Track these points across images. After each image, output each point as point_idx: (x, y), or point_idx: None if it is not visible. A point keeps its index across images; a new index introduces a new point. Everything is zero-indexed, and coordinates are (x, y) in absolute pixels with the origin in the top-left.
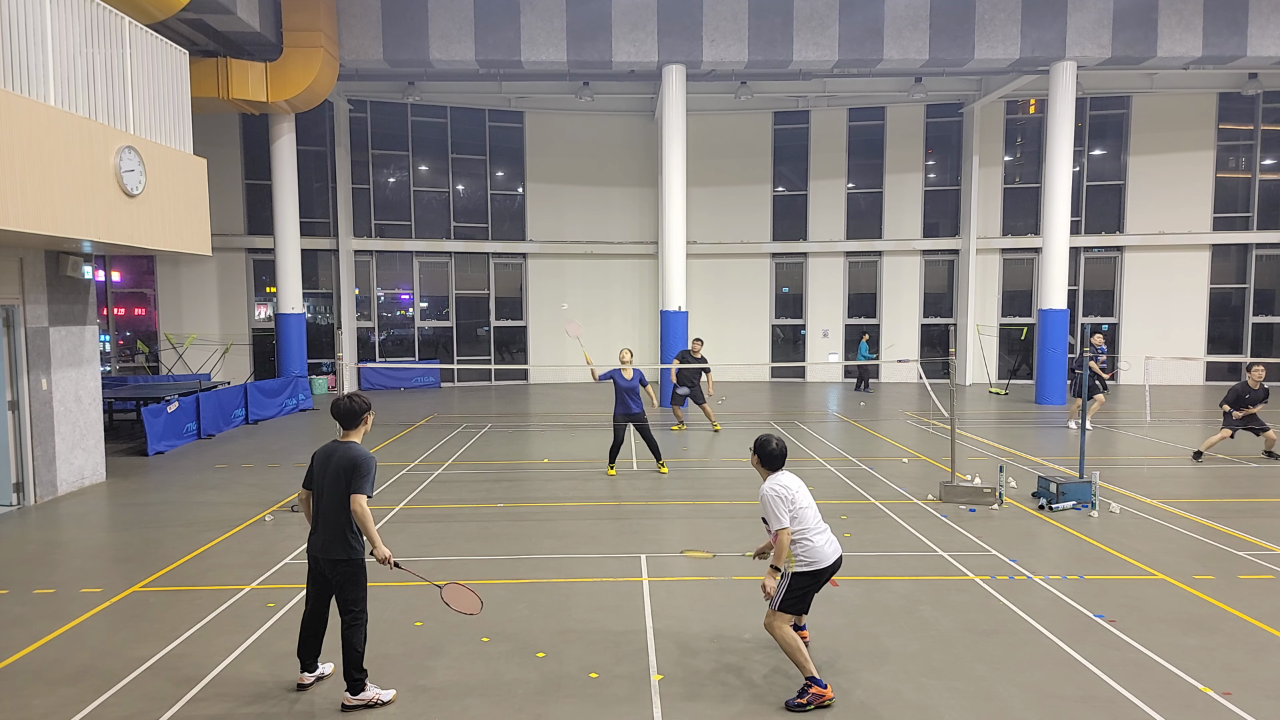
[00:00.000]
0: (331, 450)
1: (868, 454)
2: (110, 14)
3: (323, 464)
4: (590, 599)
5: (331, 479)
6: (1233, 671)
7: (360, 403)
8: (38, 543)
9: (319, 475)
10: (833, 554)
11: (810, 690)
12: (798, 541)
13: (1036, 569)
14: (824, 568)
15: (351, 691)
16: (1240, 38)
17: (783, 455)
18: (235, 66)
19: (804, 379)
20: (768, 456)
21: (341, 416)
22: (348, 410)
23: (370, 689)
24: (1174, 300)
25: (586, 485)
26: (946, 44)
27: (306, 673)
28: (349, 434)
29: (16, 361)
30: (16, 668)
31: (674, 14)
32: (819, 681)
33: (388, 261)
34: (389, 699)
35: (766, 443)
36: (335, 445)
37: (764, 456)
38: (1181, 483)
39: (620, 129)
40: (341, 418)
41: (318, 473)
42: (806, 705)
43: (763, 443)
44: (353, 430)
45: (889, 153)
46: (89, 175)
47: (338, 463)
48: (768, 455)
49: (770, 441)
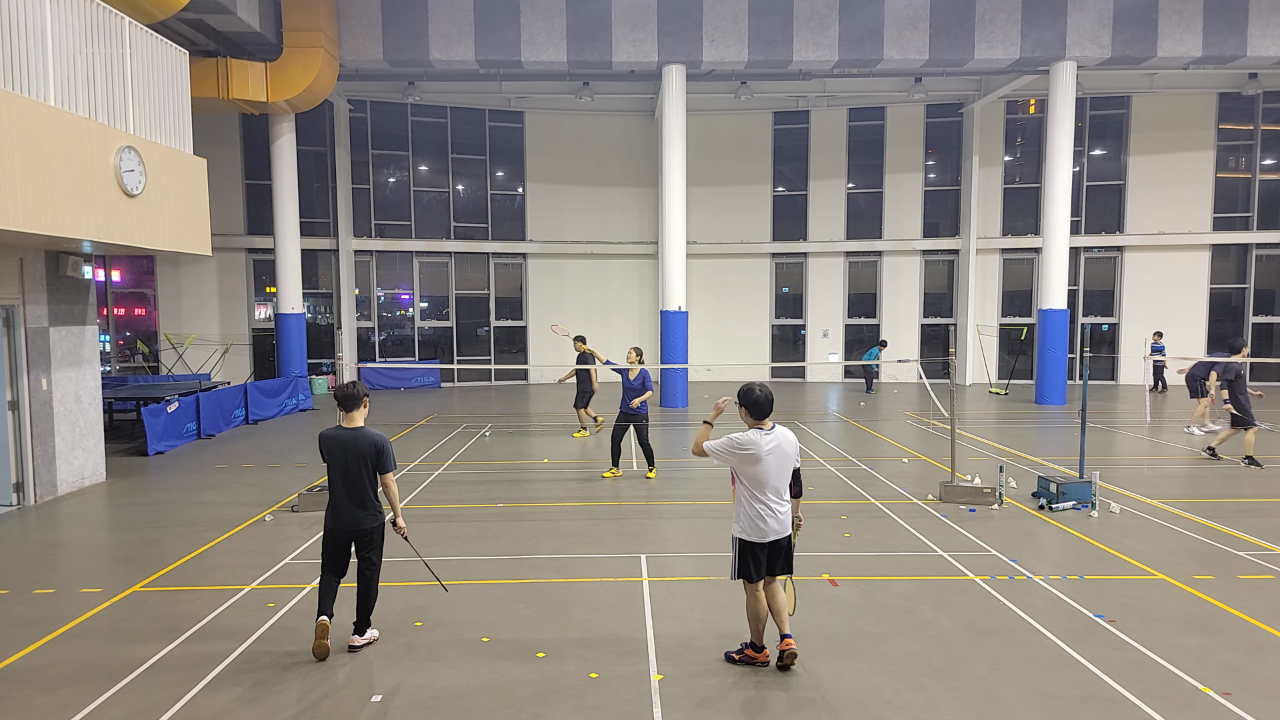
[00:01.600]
0: (348, 437)
1: (868, 454)
2: (110, 14)
3: (341, 449)
4: (590, 599)
5: (355, 460)
6: (1233, 671)
7: (361, 387)
8: (38, 543)
9: (337, 458)
10: (773, 535)
11: (746, 651)
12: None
13: (1036, 569)
14: (764, 542)
15: (359, 633)
16: (1240, 38)
17: (767, 402)
18: (235, 66)
19: (804, 379)
20: (752, 404)
21: (344, 400)
22: (350, 394)
23: (371, 630)
24: (1174, 300)
25: (586, 485)
26: (946, 44)
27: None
28: (352, 417)
29: (16, 361)
30: (16, 668)
31: (674, 14)
32: (757, 648)
33: (388, 261)
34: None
35: (749, 391)
36: (346, 431)
37: (749, 405)
38: (1181, 483)
39: (620, 129)
40: (343, 401)
41: (336, 455)
42: (739, 661)
43: (745, 391)
44: (355, 413)
45: (889, 153)
46: (89, 175)
47: (360, 447)
48: (752, 403)
49: (754, 390)
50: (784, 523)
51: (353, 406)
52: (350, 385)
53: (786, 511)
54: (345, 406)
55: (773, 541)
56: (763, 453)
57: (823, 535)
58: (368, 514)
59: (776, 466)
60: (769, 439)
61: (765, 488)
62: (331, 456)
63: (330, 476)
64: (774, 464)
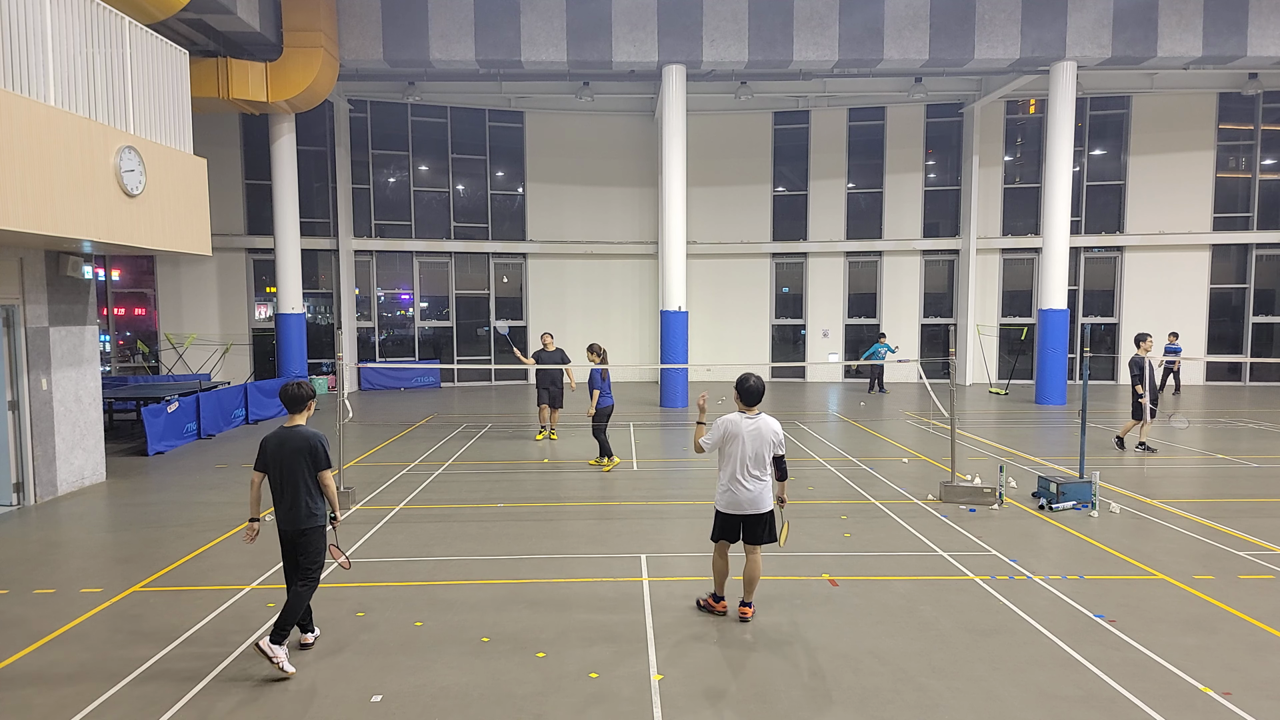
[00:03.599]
0: (285, 436)
1: (868, 454)
2: (110, 14)
3: (277, 448)
4: (590, 599)
5: (290, 458)
6: (1233, 671)
7: (307, 389)
8: (38, 543)
9: (274, 457)
10: (748, 506)
11: (707, 601)
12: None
13: (1036, 569)
14: (737, 514)
15: (274, 640)
16: (1240, 38)
17: (758, 392)
18: (235, 66)
19: (804, 379)
20: (744, 391)
21: (289, 401)
22: (295, 395)
23: (284, 649)
24: (1174, 300)
25: (587, 485)
26: (946, 44)
27: (308, 633)
28: (295, 417)
29: (16, 361)
30: (16, 668)
31: (674, 14)
32: (717, 598)
33: (388, 261)
34: (289, 672)
35: (744, 379)
36: (285, 431)
37: (741, 391)
38: (1181, 483)
39: (620, 129)
40: (289, 402)
41: (272, 455)
42: (702, 608)
43: (741, 379)
44: (298, 414)
45: (889, 153)
46: (89, 175)
47: (295, 445)
48: (744, 390)
49: (748, 379)
50: (758, 499)
51: (298, 409)
52: (296, 386)
53: (762, 490)
54: (292, 409)
55: (750, 515)
56: (743, 432)
57: (823, 535)
58: (305, 514)
59: (752, 445)
60: (750, 422)
61: (738, 462)
62: (265, 456)
63: (270, 478)
64: (750, 442)
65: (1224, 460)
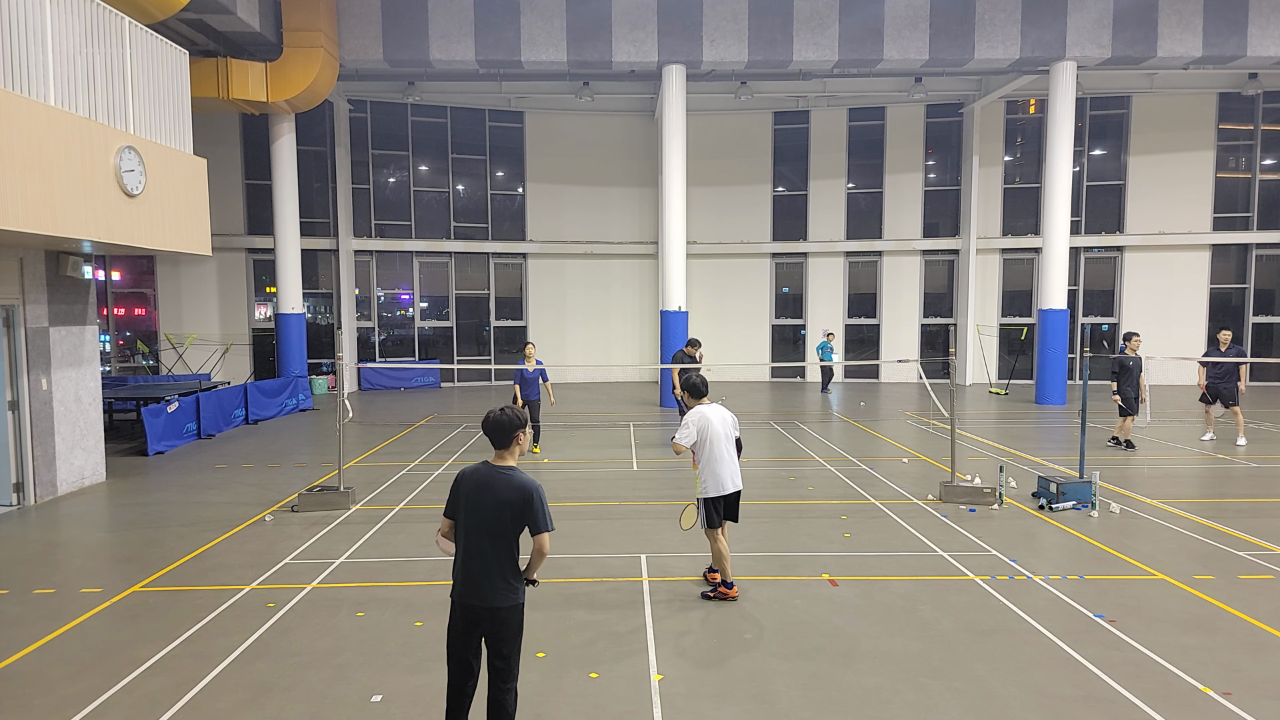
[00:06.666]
0: (489, 478)
1: (868, 454)
2: (110, 14)
3: (476, 493)
4: (590, 599)
5: (491, 511)
6: (1233, 671)
7: (515, 417)
8: (38, 543)
9: (471, 503)
10: (731, 485)
11: (720, 589)
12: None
13: (1036, 569)
14: (725, 494)
15: None
16: (1240, 38)
17: (703, 385)
18: (235, 66)
19: (804, 379)
20: (689, 386)
21: (493, 431)
22: (500, 423)
23: None
24: (1174, 300)
25: (587, 485)
26: (946, 44)
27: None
28: (504, 455)
29: (16, 361)
30: (16, 668)
31: (674, 14)
32: (729, 584)
33: (388, 261)
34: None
35: (689, 379)
36: (491, 471)
37: (688, 387)
38: (1181, 483)
39: (620, 129)
40: (494, 432)
41: (468, 500)
42: (713, 597)
43: (686, 379)
44: (507, 450)
45: (889, 153)
46: (89, 175)
47: (503, 495)
48: (691, 386)
49: (692, 377)
50: (736, 474)
51: (505, 444)
52: (500, 412)
53: (737, 466)
54: (497, 444)
55: (732, 493)
56: (712, 417)
57: (823, 535)
58: (501, 588)
59: (720, 428)
60: (711, 409)
61: (718, 443)
62: (458, 500)
63: (457, 528)
64: (718, 426)
65: (1223, 460)
